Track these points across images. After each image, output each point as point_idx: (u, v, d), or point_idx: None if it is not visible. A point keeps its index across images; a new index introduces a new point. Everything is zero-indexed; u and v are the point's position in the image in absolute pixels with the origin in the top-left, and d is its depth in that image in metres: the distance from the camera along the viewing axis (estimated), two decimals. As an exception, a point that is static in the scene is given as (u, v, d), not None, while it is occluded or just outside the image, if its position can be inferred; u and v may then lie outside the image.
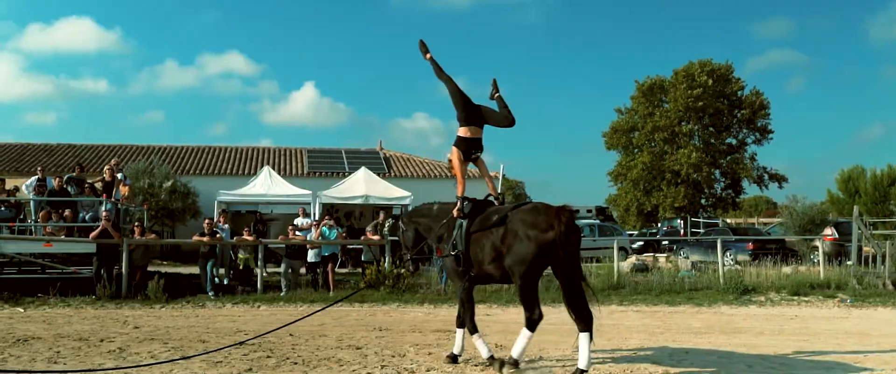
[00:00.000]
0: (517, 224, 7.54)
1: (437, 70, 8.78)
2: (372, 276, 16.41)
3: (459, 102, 8.43)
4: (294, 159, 35.31)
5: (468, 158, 8.53)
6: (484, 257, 7.89)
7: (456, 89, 8.48)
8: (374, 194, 25.03)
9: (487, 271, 7.99)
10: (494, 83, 8.64)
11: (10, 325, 12.14)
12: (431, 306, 15.06)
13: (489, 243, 7.80)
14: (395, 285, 16.17)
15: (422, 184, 33.06)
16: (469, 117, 8.37)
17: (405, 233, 9.35)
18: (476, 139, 8.45)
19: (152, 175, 26.21)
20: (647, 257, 25.63)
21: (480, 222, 8.01)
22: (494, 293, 16.00)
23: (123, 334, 11.23)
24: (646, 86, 50.27)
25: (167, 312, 14.18)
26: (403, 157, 37.10)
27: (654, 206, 49.77)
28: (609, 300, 15.75)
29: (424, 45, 8.95)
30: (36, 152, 33.21)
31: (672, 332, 11.67)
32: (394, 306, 15.10)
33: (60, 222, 16.18)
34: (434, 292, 16.19)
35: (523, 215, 7.62)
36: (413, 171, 34.76)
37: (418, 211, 9.49)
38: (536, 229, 7.39)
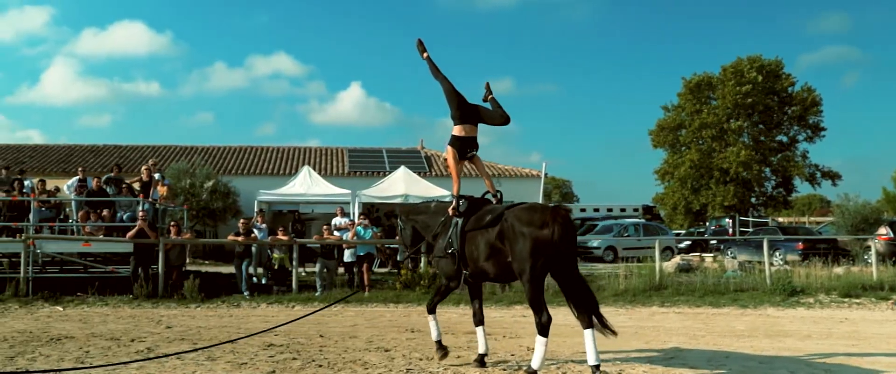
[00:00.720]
0: (513, 222, 7.50)
1: (433, 69, 8.82)
2: (407, 276, 16.23)
3: (454, 101, 8.45)
4: (335, 159, 35.35)
5: (463, 157, 8.54)
6: (479, 254, 7.89)
7: (451, 88, 8.52)
8: (414, 194, 24.80)
9: (483, 268, 7.98)
10: (487, 86, 8.72)
11: (47, 324, 12.22)
12: (467, 308, 14.72)
13: (484, 241, 7.82)
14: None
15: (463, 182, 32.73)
16: (463, 116, 8.40)
17: (403, 231, 9.34)
18: (471, 138, 8.48)
19: (194, 175, 26.37)
20: (693, 256, 25.10)
21: (475, 221, 8.03)
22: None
23: (155, 333, 11.20)
24: (693, 83, 49.43)
25: (202, 312, 14.17)
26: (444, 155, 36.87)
27: (703, 205, 48.91)
28: (650, 302, 15.36)
29: (422, 45, 8.96)
30: (83, 153, 33.75)
31: (713, 335, 11.26)
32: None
33: (99, 222, 16.28)
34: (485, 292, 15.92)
35: (519, 213, 7.58)
36: (455, 170, 34.48)
37: (416, 209, 9.50)
38: (532, 226, 7.33)
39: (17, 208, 16.39)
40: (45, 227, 16.46)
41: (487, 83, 8.74)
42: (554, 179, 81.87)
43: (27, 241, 15.39)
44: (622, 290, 16.34)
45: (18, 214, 16.30)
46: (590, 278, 17.91)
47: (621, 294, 16.03)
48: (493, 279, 8.58)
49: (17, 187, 16.72)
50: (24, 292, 15.00)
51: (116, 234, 16.16)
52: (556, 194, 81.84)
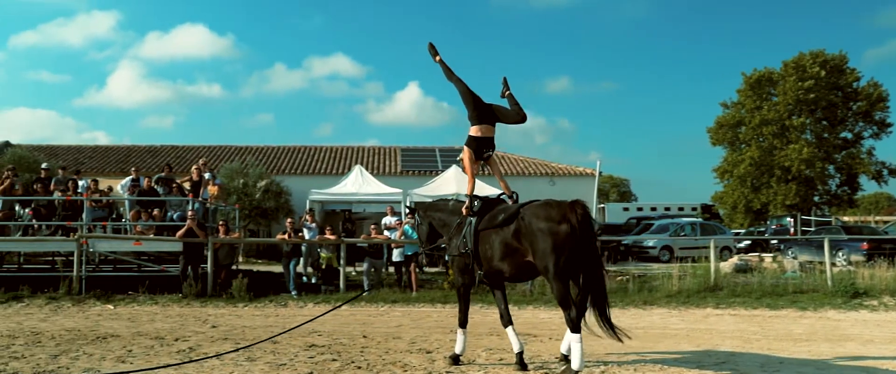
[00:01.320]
0: (531, 220, 7.43)
1: (446, 72, 8.87)
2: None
3: (470, 102, 8.47)
4: (388, 158, 35.37)
5: (479, 158, 8.56)
6: (493, 254, 7.86)
7: (466, 90, 8.53)
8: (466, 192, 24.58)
9: (498, 268, 7.93)
10: (505, 82, 8.70)
11: (96, 322, 12.34)
12: (515, 308, 14.52)
13: (499, 240, 7.78)
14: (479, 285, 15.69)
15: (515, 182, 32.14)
16: (480, 116, 8.41)
17: (420, 227, 9.38)
18: (487, 138, 8.48)
19: (246, 175, 26.59)
20: (751, 256, 24.41)
21: (489, 220, 8.02)
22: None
23: (200, 333, 11.21)
24: (754, 79, 48.24)
25: (249, 311, 14.18)
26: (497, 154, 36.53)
27: (764, 203, 47.70)
28: (704, 303, 14.89)
29: (434, 48, 9.00)
30: (141, 154, 34.37)
31: (769, 338, 10.81)
32: (477, 307, 14.64)
33: (149, 222, 16.45)
34: (519, 293, 15.69)
35: (536, 210, 7.52)
36: (507, 168, 34.28)
37: (434, 206, 9.52)
38: (550, 222, 7.28)
39: (71, 208, 16.65)
40: (97, 226, 16.69)
41: (505, 79, 8.71)
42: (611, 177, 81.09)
43: (80, 240, 15.60)
44: (676, 291, 15.89)
45: (72, 213, 16.55)
46: (643, 278, 17.52)
47: (675, 295, 15.59)
48: (509, 279, 8.50)
49: (71, 186, 16.97)
50: (77, 291, 15.21)
51: (167, 233, 16.30)
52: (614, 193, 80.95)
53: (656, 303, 14.97)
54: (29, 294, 15.03)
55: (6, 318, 12.89)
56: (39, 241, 16.38)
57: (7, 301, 14.67)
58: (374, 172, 31.75)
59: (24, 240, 16.56)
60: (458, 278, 8.72)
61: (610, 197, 77.52)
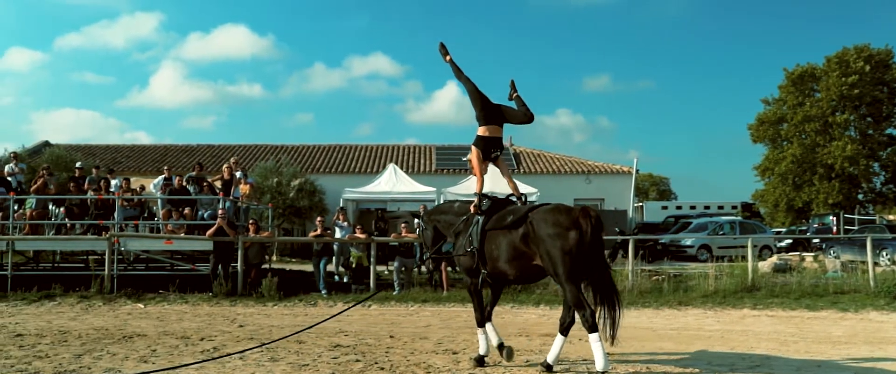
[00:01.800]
0: (540, 225, 7.47)
1: (456, 72, 8.87)
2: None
3: (478, 103, 8.46)
4: (423, 157, 35.26)
5: (487, 158, 8.54)
6: (499, 254, 7.88)
7: (475, 90, 8.53)
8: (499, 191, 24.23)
9: (502, 269, 7.95)
10: (512, 84, 8.71)
11: (125, 321, 12.34)
12: (547, 308, 14.31)
13: (505, 242, 7.81)
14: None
15: (551, 180, 32.34)
16: (488, 117, 8.42)
17: (425, 231, 9.38)
18: (495, 138, 8.49)
19: (280, 174, 26.62)
20: (792, 256, 23.83)
21: (497, 220, 8.03)
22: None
23: (226, 332, 11.14)
24: (795, 74, 47.28)
25: (278, 310, 14.11)
26: (533, 152, 36.35)
27: (806, 202, 46.72)
28: (741, 304, 14.49)
29: (444, 48, 8.99)
30: (177, 153, 34.66)
31: (807, 341, 10.44)
32: (508, 306, 14.45)
33: (180, 221, 16.47)
34: (551, 293, 15.40)
35: (545, 215, 7.55)
36: (543, 167, 33.98)
37: (439, 209, 9.60)
38: (559, 228, 7.34)
39: (103, 207, 16.73)
40: (128, 225, 16.76)
41: (512, 81, 8.72)
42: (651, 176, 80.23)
43: (111, 239, 15.67)
44: (712, 291, 15.51)
45: (105, 212, 16.63)
46: (679, 278, 17.15)
47: (710, 295, 15.20)
48: (513, 281, 8.60)
49: (103, 186, 17.06)
50: (109, 290, 15.28)
51: (197, 232, 16.31)
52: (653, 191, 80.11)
53: (691, 303, 14.62)
54: (61, 293, 15.11)
55: (37, 316, 12.96)
56: (72, 240, 16.50)
57: (40, 300, 14.77)
58: (409, 170, 31.66)
59: (56, 239, 16.69)
60: (465, 278, 8.70)
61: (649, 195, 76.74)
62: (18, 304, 14.50)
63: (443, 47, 9.01)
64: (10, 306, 14.26)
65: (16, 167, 19.13)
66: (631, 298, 15.00)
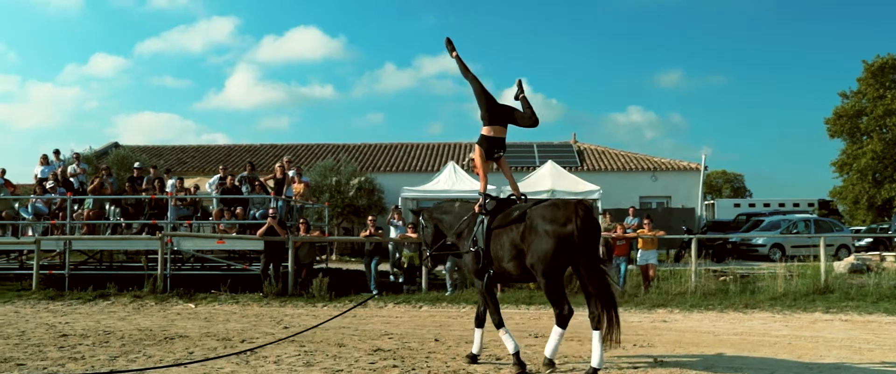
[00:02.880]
0: (536, 220, 7.51)
1: (462, 69, 8.85)
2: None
3: (483, 102, 8.42)
4: (485, 154, 34.76)
5: (490, 157, 8.51)
6: (503, 254, 7.86)
7: (480, 89, 8.50)
8: (561, 189, 23.78)
9: (506, 268, 7.93)
10: (519, 84, 8.65)
11: (172, 322, 12.23)
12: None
13: (509, 240, 7.79)
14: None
15: (615, 177, 31.54)
16: (492, 117, 8.38)
17: (425, 230, 9.32)
18: (499, 138, 8.43)
19: (339, 172, 26.50)
20: (871, 256, 22.62)
21: (501, 219, 8.04)
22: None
23: (269, 334, 10.91)
24: (876, 66, 45.28)
25: (326, 311, 13.83)
26: (598, 149, 35.55)
27: (887, 199, 44.69)
28: (812, 307, 13.63)
29: (451, 43, 9.00)
30: (241, 153, 34.95)
31: (884, 349, 9.64)
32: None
33: (232, 220, 16.38)
34: (609, 295, 14.78)
35: (542, 210, 7.60)
36: (607, 164, 33.18)
37: (440, 208, 9.44)
38: (555, 224, 7.35)
39: (157, 207, 16.77)
40: (182, 225, 16.76)
41: (519, 81, 8.65)
42: (724, 173, 78.36)
43: (164, 238, 15.66)
44: (781, 293, 14.65)
45: (159, 212, 16.66)
46: (746, 278, 16.33)
47: (779, 298, 14.36)
48: (516, 279, 8.70)
49: (157, 185, 17.10)
50: (161, 289, 15.27)
51: (249, 231, 16.20)
52: (727, 189, 78.16)
53: (759, 306, 13.82)
54: (115, 292, 15.19)
55: (88, 316, 12.98)
56: (125, 239, 16.58)
57: (94, 299, 14.86)
58: (470, 168, 31.21)
59: (110, 238, 16.81)
60: (476, 282, 8.58)
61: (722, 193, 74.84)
62: (74, 303, 14.60)
63: (449, 43, 9.00)
64: (65, 305, 14.37)
65: (78, 168, 19.39)
66: (694, 300, 14.31)
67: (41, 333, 10.99)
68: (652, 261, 15.92)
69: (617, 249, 16.09)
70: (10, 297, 15.10)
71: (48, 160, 19.54)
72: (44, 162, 19.46)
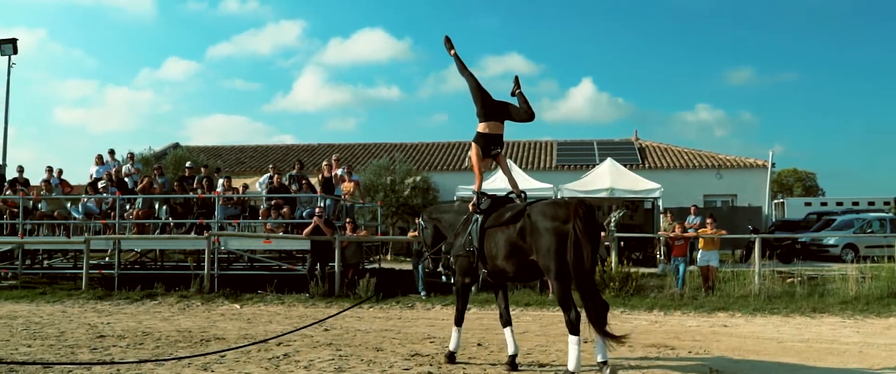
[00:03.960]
0: (537, 218, 7.33)
1: (459, 66, 8.82)
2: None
3: (479, 99, 8.40)
4: (543, 152, 34.19)
5: (487, 155, 8.46)
6: (498, 252, 7.73)
7: (476, 86, 8.48)
8: (620, 187, 23.04)
9: (501, 267, 7.81)
10: (516, 80, 8.68)
11: (213, 323, 12.04)
12: (661, 313, 13.04)
13: (504, 239, 7.66)
14: (623, 287, 14.29)
15: (678, 175, 30.58)
16: (488, 114, 8.36)
17: (424, 230, 9.24)
18: (495, 135, 8.41)
19: (393, 172, 26.21)
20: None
21: (495, 218, 7.93)
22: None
23: (307, 337, 10.57)
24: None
25: (371, 313, 13.49)
26: (660, 147, 34.56)
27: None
28: (887, 312, 12.70)
29: (449, 42, 8.99)
30: (298, 152, 34.96)
31: (966, 358, 8.83)
32: (618, 311, 13.22)
33: (279, 219, 16.15)
34: (667, 297, 14.11)
35: (542, 208, 7.45)
36: (670, 161, 32.21)
37: (439, 208, 9.55)
38: (556, 221, 7.19)
39: (205, 206, 16.66)
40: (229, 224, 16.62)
41: (516, 78, 8.69)
42: (795, 171, 76.00)
43: (211, 238, 15.51)
44: (852, 296, 13.73)
45: (207, 211, 16.54)
46: (815, 281, 15.45)
47: (850, 302, 13.44)
48: (513, 279, 8.48)
49: (205, 185, 16.97)
50: (208, 289, 15.12)
51: (296, 231, 15.96)
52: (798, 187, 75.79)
53: (828, 310, 12.95)
54: (163, 292, 15.10)
55: (132, 316, 12.87)
56: (173, 239, 16.51)
57: (141, 299, 14.79)
58: (527, 166, 30.71)
59: (158, 238, 16.78)
60: (458, 278, 8.54)
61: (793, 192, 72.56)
62: (121, 303, 14.55)
63: (448, 41, 8.98)
64: (112, 305, 14.32)
65: (132, 168, 19.46)
66: (757, 303, 13.52)
67: (80, 334, 10.88)
68: (713, 262, 15.13)
69: (675, 249, 15.37)
70: (61, 296, 15.14)
71: (103, 160, 19.65)
72: (99, 162, 19.58)
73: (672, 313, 13.04)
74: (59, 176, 19.16)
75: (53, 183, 18.45)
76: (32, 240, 17.10)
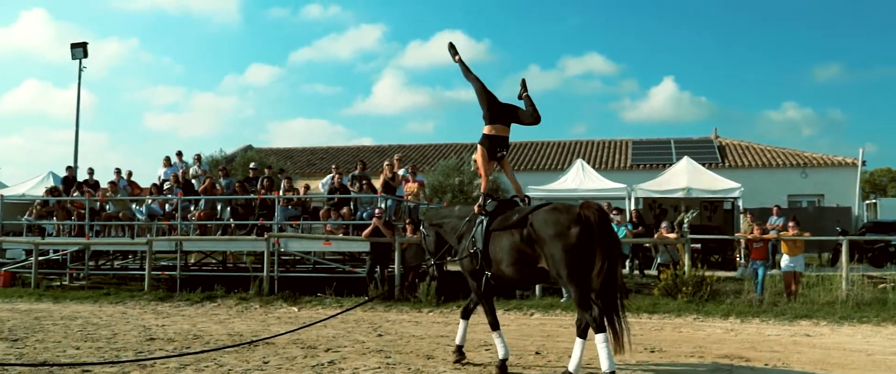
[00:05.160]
0: (539, 226, 7.25)
1: (464, 71, 8.87)
2: (668, 281, 13.86)
3: (484, 101, 8.40)
4: (617, 151, 33.25)
5: (493, 157, 8.38)
6: (502, 256, 7.64)
7: (482, 88, 8.50)
8: (698, 186, 22.05)
9: (505, 272, 7.72)
10: (523, 83, 8.62)
11: (266, 327, 11.77)
12: (737, 321, 12.16)
13: (509, 244, 7.55)
14: (696, 292, 13.45)
15: (761, 174, 29.28)
16: (494, 116, 8.33)
17: (426, 238, 9.14)
18: (501, 137, 8.34)
19: (462, 172, 25.73)
20: None
21: (501, 222, 7.82)
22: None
23: (359, 343, 10.18)
24: None
25: (430, 317, 13.02)
26: (741, 144, 33.18)
27: None
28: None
29: (453, 48, 9.07)
30: (369, 153, 34.85)
31: None
32: (690, 318, 12.45)
33: (339, 220, 15.82)
34: (745, 303, 13.19)
35: (545, 215, 7.34)
36: (751, 160, 30.88)
37: (440, 213, 9.49)
38: (559, 227, 7.09)
39: (265, 207, 16.46)
40: (289, 226, 16.38)
41: (523, 80, 8.63)
42: (890, 170, 72.79)
43: (271, 239, 15.28)
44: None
45: (268, 212, 16.34)
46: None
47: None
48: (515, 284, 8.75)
49: (265, 185, 16.78)
50: (267, 291, 14.89)
51: (356, 232, 15.61)
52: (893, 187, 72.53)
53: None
54: (222, 294, 14.94)
55: (188, 319, 12.71)
56: (233, 240, 16.36)
57: (202, 301, 14.66)
58: (601, 166, 29.84)
59: (219, 239, 16.67)
60: (471, 283, 8.41)
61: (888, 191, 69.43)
62: (181, 304, 14.46)
63: (452, 47, 9.05)
64: (172, 307, 14.23)
65: (199, 169, 19.47)
66: (844, 310, 12.49)
67: (132, 336, 10.72)
68: (799, 268, 14.10)
69: (754, 252, 14.41)
70: (124, 297, 15.15)
71: (170, 162, 19.73)
72: (166, 164, 19.67)
73: (750, 320, 12.15)
74: (129, 178, 19.31)
75: (121, 185, 18.56)
76: (98, 241, 17.21)
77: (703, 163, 25.77)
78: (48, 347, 9.70)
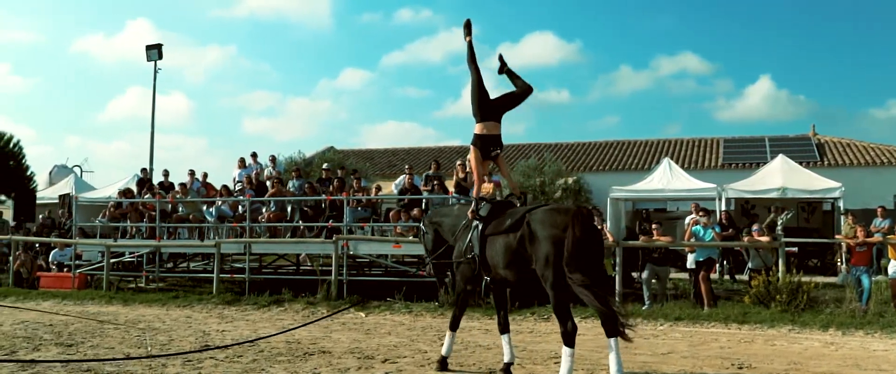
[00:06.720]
0: (536, 226, 7.07)
1: (470, 56, 8.53)
2: (760, 288, 12.79)
3: (476, 98, 8.22)
4: (708, 150, 31.80)
5: (486, 157, 8.21)
6: (499, 260, 7.50)
7: (479, 82, 8.28)
8: (793, 186, 20.69)
9: (502, 275, 7.62)
10: (501, 58, 8.53)
11: (329, 333, 11.29)
12: (838, 333, 11.04)
13: (505, 246, 7.41)
14: (791, 301, 12.35)
15: (863, 173, 27.41)
16: (484, 114, 8.17)
17: (425, 236, 8.89)
18: (493, 136, 8.18)
19: (542, 173, 24.92)
20: None
21: (496, 225, 7.62)
22: None
23: (420, 352, 9.64)
24: None
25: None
26: (841, 142, 31.24)
27: None
28: None
29: (468, 27, 8.69)
30: (449, 154, 34.27)
31: None
32: (784, 329, 11.39)
33: (409, 222, 15.26)
34: (846, 313, 12.03)
35: (541, 215, 7.17)
36: (851, 158, 29.02)
37: (439, 212, 9.30)
38: (554, 229, 6.91)
39: (333, 208, 16.04)
40: (359, 228, 15.91)
41: (500, 55, 8.53)
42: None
43: (340, 242, 14.85)
44: None
45: (338, 214, 15.91)
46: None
47: None
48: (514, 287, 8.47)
49: (336, 186, 16.36)
50: (334, 296, 14.44)
51: (427, 234, 15.02)
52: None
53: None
54: (290, 298, 14.56)
55: (251, 324, 12.40)
56: (301, 243, 16.00)
57: (269, 305, 14.30)
58: (690, 166, 28.55)
59: (286, 241, 16.34)
60: (459, 284, 8.31)
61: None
62: (248, 308, 14.16)
63: (467, 26, 8.67)
64: (238, 311, 13.95)
65: (273, 171, 19.26)
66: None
67: (188, 342, 10.42)
68: (907, 273, 12.84)
69: (856, 257, 13.19)
70: (192, 300, 14.94)
71: (245, 163, 19.57)
72: (241, 165, 19.52)
73: (852, 333, 11.01)
74: (204, 180, 19.20)
75: (194, 186, 18.47)
76: (167, 243, 17.09)
77: (799, 162, 24.29)
78: (98, 353, 9.43)
